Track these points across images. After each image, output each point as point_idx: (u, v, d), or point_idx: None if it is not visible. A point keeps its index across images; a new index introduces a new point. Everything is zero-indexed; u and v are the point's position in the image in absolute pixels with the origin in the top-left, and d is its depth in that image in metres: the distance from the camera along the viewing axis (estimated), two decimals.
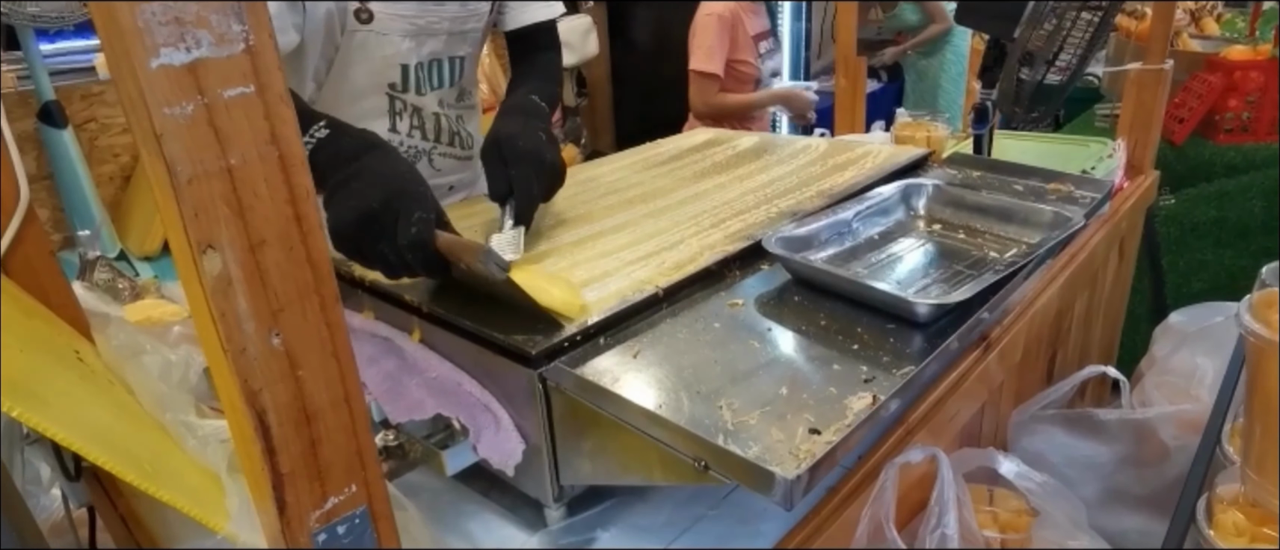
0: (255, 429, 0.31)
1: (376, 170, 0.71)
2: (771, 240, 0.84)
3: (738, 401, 0.63)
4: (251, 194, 0.29)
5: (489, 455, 0.72)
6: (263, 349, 0.30)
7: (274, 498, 0.32)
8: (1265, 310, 0.64)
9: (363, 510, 0.35)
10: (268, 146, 0.29)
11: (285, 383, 0.31)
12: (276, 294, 0.30)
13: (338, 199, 0.70)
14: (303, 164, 0.30)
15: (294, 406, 0.32)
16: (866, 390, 0.65)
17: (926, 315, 0.72)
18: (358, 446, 0.35)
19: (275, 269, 0.30)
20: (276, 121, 0.29)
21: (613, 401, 0.64)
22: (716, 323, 0.77)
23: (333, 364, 0.33)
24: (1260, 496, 0.65)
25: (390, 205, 0.68)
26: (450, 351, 0.79)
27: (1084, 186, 1.14)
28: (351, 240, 0.70)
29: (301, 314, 0.31)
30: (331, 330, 0.32)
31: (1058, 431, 1.20)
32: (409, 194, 0.69)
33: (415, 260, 0.69)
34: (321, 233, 0.31)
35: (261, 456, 0.31)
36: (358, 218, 0.68)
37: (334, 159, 0.73)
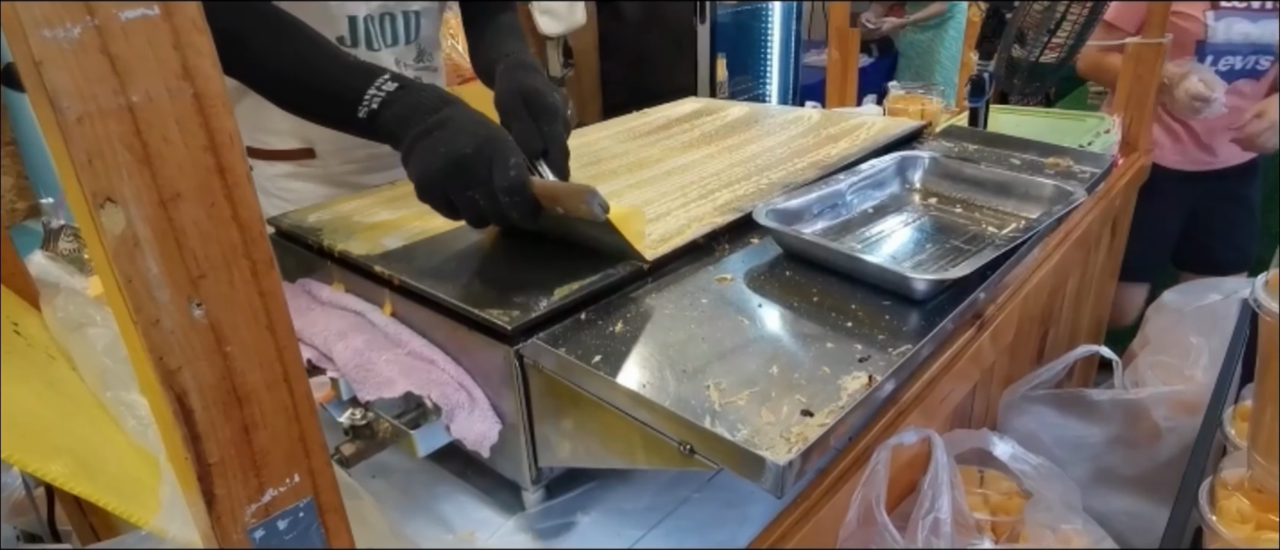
0: (175, 413, 0.27)
1: (462, 120, 0.70)
2: (762, 212, 0.80)
3: (726, 381, 0.60)
4: (160, 138, 0.24)
5: (463, 436, 0.68)
6: (181, 321, 0.26)
7: (200, 490, 0.28)
8: None
9: (308, 502, 0.31)
10: (178, 82, 0.24)
11: (210, 360, 0.27)
12: (196, 258, 0.26)
13: (423, 147, 0.70)
14: (223, 106, 0.26)
15: (222, 387, 0.28)
16: (862, 370, 0.61)
17: (924, 291, 0.69)
18: (300, 432, 0.31)
19: (193, 228, 0.26)
20: (189, 52, 0.24)
21: (593, 380, 0.60)
22: (704, 298, 0.73)
23: (267, 338, 0.28)
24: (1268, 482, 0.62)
25: (483, 151, 0.68)
26: (424, 326, 0.75)
27: (1083, 161, 1.11)
28: (440, 188, 0.70)
29: (228, 281, 0.27)
30: (266, 300, 0.28)
31: (1048, 411, 1.18)
32: (501, 140, 0.69)
33: (512, 204, 0.69)
34: (250, 187, 0.27)
35: (184, 444, 0.27)
36: (449, 164, 0.68)
37: (411, 112, 0.72)
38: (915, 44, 3.50)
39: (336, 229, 0.88)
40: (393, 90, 0.74)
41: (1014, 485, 0.95)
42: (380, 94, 0.74)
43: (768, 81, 3.44)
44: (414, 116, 0.72)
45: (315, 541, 0.32)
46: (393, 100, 0.73)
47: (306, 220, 0.91)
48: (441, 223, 0.88)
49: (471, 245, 0.82)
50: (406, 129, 0.72)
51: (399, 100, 0.73)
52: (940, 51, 3.39)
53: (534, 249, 0.83)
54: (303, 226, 0.89)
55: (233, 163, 0.26)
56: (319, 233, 0.87)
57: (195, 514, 0.30)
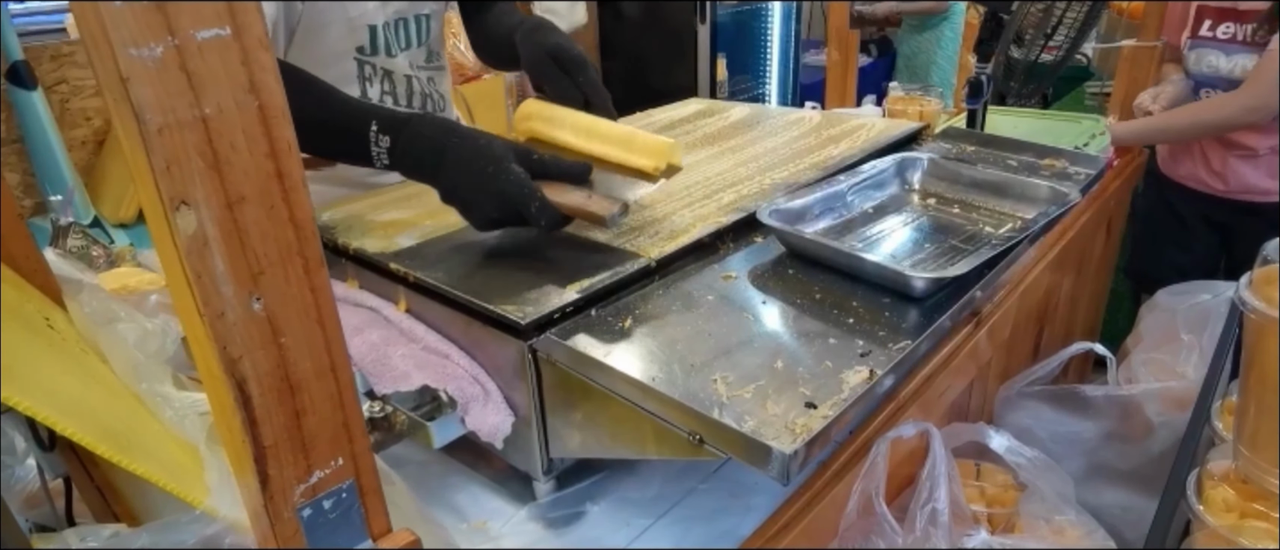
0: (236, 399, 0.29)
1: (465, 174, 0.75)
2: (766, 212, 0.83)
3: (732, 375, 0.62)
4: (228, 147, 0.27)
5: (477, 428, 0.71)
6: (243, 314, 0.28)
7: (256, 471, 0.30)
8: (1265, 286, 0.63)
9: (350, 484, 0.34)
10: (246, 95, 0.26)
11: (267, 350, 0.29)
12: (257, 255, 0.28)
13: (460, 207, 0.78)
14: (284, 115, 0.28)
15: (277, 375, 0.30)
16: (863, 365, 0.64)
17: (923, 289, 0.71)
18: (345, 418, 0.33)
19: (255, 228, 0.28)
20: (255, 68, 0.26)
21: (605, 373, 0.62)
22: (710, 295, 0.76)
23: (317, 331, 0.31)
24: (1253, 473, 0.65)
25: (505, 209, 0.75)
26: (438, 322, 0.77)
27: (1078, 163, 1.13)
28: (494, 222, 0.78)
29: (284, 277, 0.29)
30: (316, 295, 0.30)
31: (1043, 407, 1.21)
32: (509, 193, 0.74)
33: (547, 227, 0.76)
34: (304, 191, 0.29)
35: (242, 428, 0.29)
36: (490, 221, 0.77)
37: (419, 162, 0.78)
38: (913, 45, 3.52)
39: (350, 227, 0.90)
40: (388, 146, 0.78)
41: (1009, 478, 0.98)
42: (379, 147, 0.79)
43: (767, 81, 3.47)
44: (425, 164, 0.77)
45: (356, 520, 0.34)
46: (394, 150, 0.78)
47: (319, 219, 0.93)
48: (454, 221, 0.90)
49: (483, 243, 0.85)
50: (428, 176, 0.78)
51: (401, 152, 0.78)
52: (937, 53, 3.42)
53: (545, 248, 0.85)
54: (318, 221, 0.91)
55: (290, 168, 0.28)
56: (332, 231, 0.89)
57: (247, 494, 0.32)
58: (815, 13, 3.82)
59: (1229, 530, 0.67)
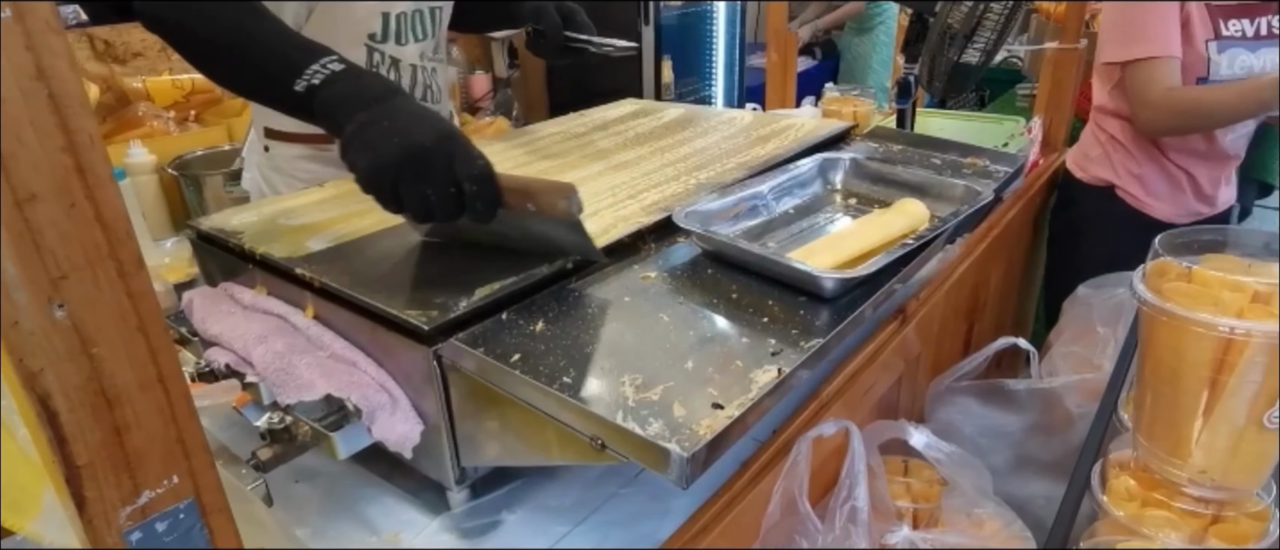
0: (39, 415, 0.27)
1: (414, 110, 0.68)
2: (682, 215, 0.82)
3: (641, 377, 0.61)
4: (14, 140, 0.24)
5: (384, 437, 0.68)
6: (41, 323, 0.26)
7: (71, 493, 0.28)
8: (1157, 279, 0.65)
9: (189, 503, 0.31)
10: (32, 83, 0.24)
11: (75, 362, 0.27)
12: (56, 258, 0.26)
13: (371, 135, 0.66)
14: (82, 106, 0.26)
15: (89, 389, 0.28)
16: (773, 363, 0.63)
17: (833, 289, 0.71)
18: (179, 432, 0.31)
19: (52, 229, 0.26)
20: (43, 53, 0.24)
21: (510, 380, 0.61)
22: (627, 296, 0.74)
23: (139, 339, 0.29)
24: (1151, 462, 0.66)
25: (442, 145, 0.65)
26: (345, 328, 0.74)
27: (999, 161, 1.15)
28: (391, 178, 0.66)
29: (92, 282, 0.27)
30: (135, 300, 0.28)
31: (972, 402, 1.23)
32: (460, 135, 0.67)
33: (477, 194, 0.66)
34: (113, 188, 0.27)
35: (50, 446, 0.27)
36: (404, 155, 0.65)
37: (355, 96, 0.69)
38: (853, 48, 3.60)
39: (260, 232, 0.86)
40: (338, 71, 0.72)
41: (935, 474, 0.99)
42: (324, 71, 0.71)
43: (713, 83, 3.48)
44: (357, 101, 0.69)
45: (198, 542, 0.32)
46: (336, 80, 0.71)
47: (229, 223, 0.89)
48: (368, 224, 0.87)
49: (397, 247, 0.82)
50: (348, 113, 0.68)
51: (342, 81, 0.71)
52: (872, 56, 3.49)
53: (459, 251, 0.83)
54: (225, 230, 0.88)
55: (93, 163, 0.26)
56: (241, 236, 0.86)
57: (70, 517, 0.30)
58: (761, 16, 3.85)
59: (1129, 519, 0.68)
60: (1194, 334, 0.62)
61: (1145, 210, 1.55)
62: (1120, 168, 1.56)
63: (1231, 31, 1.41)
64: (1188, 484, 0.65)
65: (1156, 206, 1.55)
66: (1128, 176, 1.55)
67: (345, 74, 0.72)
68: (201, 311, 0.83)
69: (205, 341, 0.81)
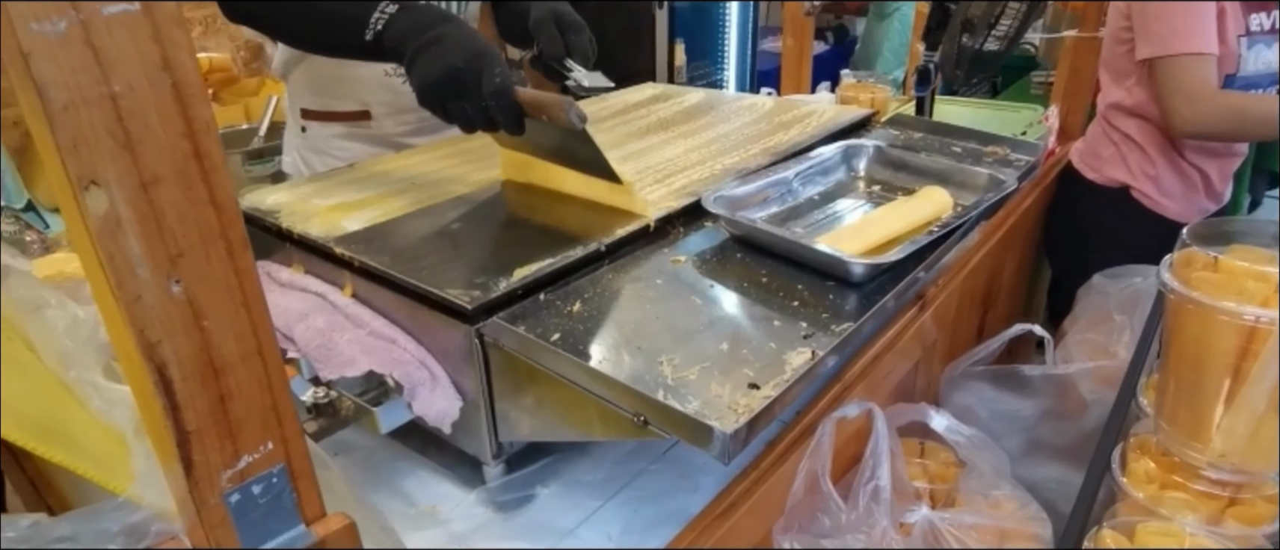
0: (155, 384, 0.28)
1: (456, 35, 0.77)
2: (711, 199, 0.83)
3: (678, 357, 0.63)
4: (141, 126, 0.26)
5: (424, 413, 0.71)
6: (161, 297, 0.28)
7: (179, 457, 0.30)
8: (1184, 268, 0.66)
9: (280, 469, 0.33)
10: (159, 73, 0.26)
11: (189, 334, 0.29)
12: (175, 237, 0.28)
13: (423, 61, 0.77)
14: (201, 95, 0.27)
15: (199, 359, 0.29)
16: (805, 346, 0.65)
17: (862, 274, 0.73)
18: (273, 402, 0.33)
19: (173, 210, 0.27)
20: (168, 45, 0.26)
21: (552, 357, 0.63)
22: (658, 279, 0.76)
23: (243, 314, 0.30)
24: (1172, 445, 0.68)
25: (473, 63, 0.75)
26: (384, 306, 0.76)
27: (1019, 150, 1.16)
28: (437, 96, 0.77)
29: (206, 259, 0.29)
30: (241, 277, 0.30)
31: (986, 387, 1.25)
32: (489, 53, 0.76)
33: (497, 109, 0.76)
34: (225, 173, 0.29)
35: (164, 413, 0.29)
36: (444, 74, 0.76)
37: (411, 30, 0.79)
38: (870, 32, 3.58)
39: (295, 211, 0.88)
40: (394, 12, 0.80)
41: (951, 455, 1.01)
42: (383, 16, 0.80)
43: (725, 67, 3.47)
44: (413, 33, 0.78)
45: (287, 505, 0.34)
46: (395, 20, 0.80)
47: (264, 202, 0.91)
48: (402, 205, 0.89)
49: (430, 228, 0.84)
50: (407, 44, 0.78)
51: (400, 19, 0.80)
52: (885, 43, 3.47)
53: (493, 232, 0.85)
54: (261, 209, 0.89)
55: (209, 148, 0.28)
56: (277, 215, 0.87)
57: (172, 480, 0.32)
58: None
59: (1149, 501, 0.70)
60: (1219, 322, 0.63)
61: (1158, 210, 1.53)
62: (1135, 168, 1.54)
63: (1254, 27, 1.40)
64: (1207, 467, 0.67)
65: (1169, 206, 1.53)
66: (1143, 177, 1.53)
67: (400, 13, 0.81)
68: None
69: None
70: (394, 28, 0.80)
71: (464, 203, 0.91)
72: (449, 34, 0.78)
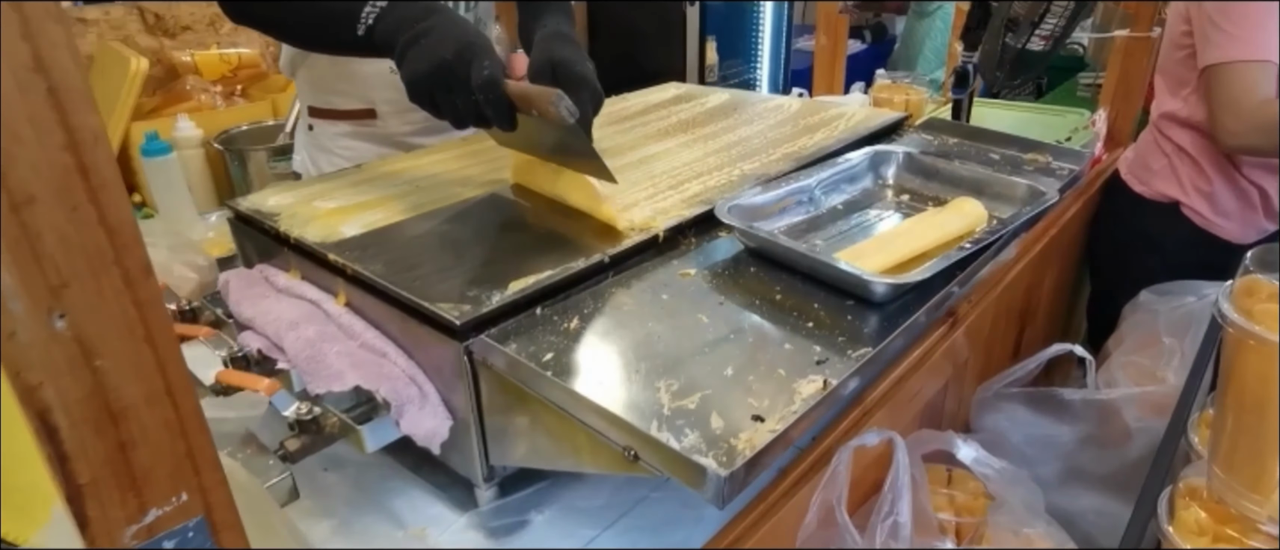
0: (38, 431, 0.25)
1: (445, 27, 0.75)
2: (724, 208, 0.78)
3: (678, 383, 0.58)
4: (10, 138, 0.22)
5: (412, 432, 0.67)
6: (41, 334, 0.24)
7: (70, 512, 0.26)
8: (1245, 298, 0.60)
9: (198, 522, 0.30)
10: (30, 75, 0.22)
11: (77, 375, 0.25)
12: (57, 265, 0.24)
13: (411, 54, 0.75)
14: (84, 100, 0.23)
15: (91, 403, 0.26)
16: (818, 373, 0.60)
17: (884, 294, 0.67)
18: (188, 448, 0.29)
19: (52, 233, 0.24)
20: (42, 43, 0.22)
21: (541, 382, 0.58)
22: (665, 294, 0.72)
23: (145, 351, 0.27)
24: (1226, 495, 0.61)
25: (462, 55, 0.73)
26: (376, 318, 0.73)
27: (1062, 158, 1.09)
28: (426, 91, 0.75)
29: (96, 290, 0.25)
30: (143, 309, 0.26)
31: (1021, 409, 1.17)
32: (478, 45, 0.74)
33: (486, 103, 0.73)
34: (120, 190, 0.25)
35: (50, 463, 0.25)
36: (433, 68, 0.73)
37: (400, 23, 0.77)
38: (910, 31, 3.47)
39: (295, 214, 0.85)
40: (384, 5, 0.79)
41: (981, 486, 0.94)
42: (374, 10, 0.79)
43: (758, 66, 3.40)
44: (403, 26, 0.77)
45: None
46: (384, 14, 0.79)
47: (266, 204, 0.89)
48: (403, 208, 0.86)
49: (430, 234, 0.80)
50: (396, 38, 0.77)
51: (389, 13, 0.79)
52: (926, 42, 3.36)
53: (495, 240, 0.81)
54: (261, 211, 0.87)
55: (98, 162, 0.24)
56: (277, 218, 0.85)
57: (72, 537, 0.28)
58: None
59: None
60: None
61: (1211, 229, 1.43)
62: (1188, 183, 1.43)
63: None
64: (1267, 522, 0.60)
65: (1224, 225, 1.43)
66: (1195, 194, 1.43)
67: (390, 6, 0.79)
68: (237, 293, 0.83)
69: (239, 324, 0.81)
70: (384, 22, 0.79)
71: (468, 207, 0.88)
72: (436, 26, 0.76)
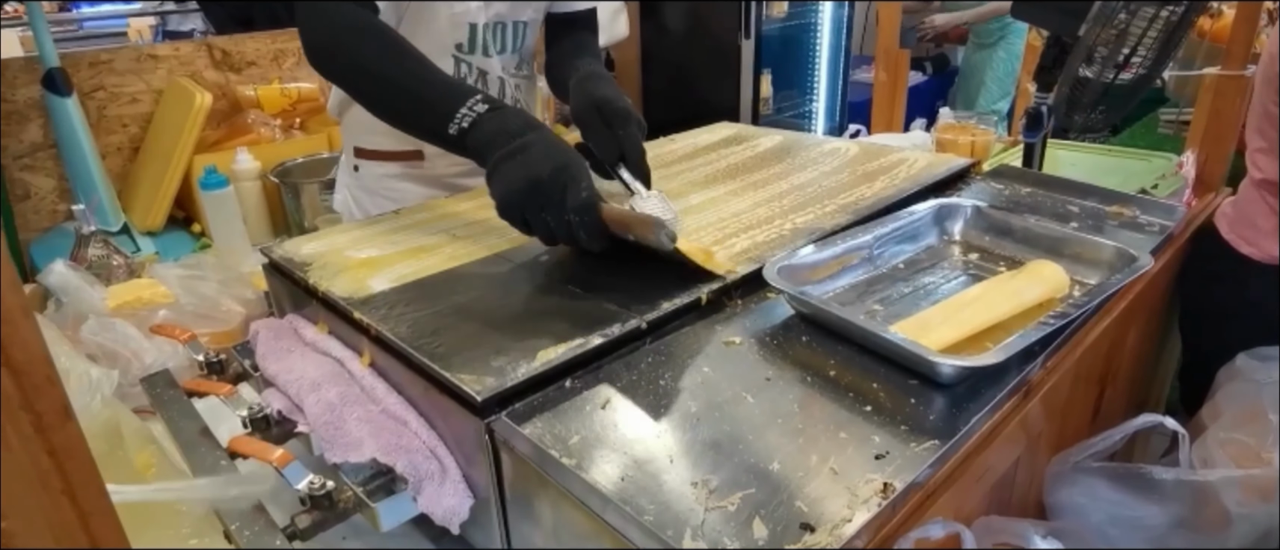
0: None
1: (543, 144, 0.75)
2: (774, 271, 0.72)
3: (717, 477, 0.52)
4: None
5: (430, 510, 0.62)
6: None
7: None
8: None
9: None
10: None
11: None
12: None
13: (506, 169, 0.75)
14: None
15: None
16: (877, 471, 0.53)
17: (952, 377, 0.60)
18: None
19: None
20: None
21: (563, 473, 0.53)
22: (706, 366, 0.66)
23: (63, 505, 0.22)
24: None
25: (558, 176, 0.72)
26: (399, 382, 0.69)
27: (1151, 211, 0.99)
28: (519, 207, 0.74)
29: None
30: (59, 458, 0.22)
31: (1101, 484, 1.06)
32: (576, 165, 0.74)
33: (580, 225, 0.73)
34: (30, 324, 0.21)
35: None
36: (527, 185, 0.73)
37: (497, 133, 0.77)
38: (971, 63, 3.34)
39: (326, 264, 0.83)
40: (483, 112, 0.79)
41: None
42: (471, 114, 0.79)
43: (815, 98, 3.33)
44: (499, 138, 0.76)
45: None
46: (482, 121, 0.78)
47: (299, 252, 0.87)
48: (436, 262, 0.82)
49: (462, 291, 0.76)
50: (492, 150, 0.76)
51: (488, 121, 0.78)
52: (987, 74, 3.21)
53: (533, 298, 0.76)
54: (293, 260, 0.85)
55: None
56: (308, 268, 0.82)
57: None
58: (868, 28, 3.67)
59: None
60: None
61: None
62: None
63: None
64: None
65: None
66: None
67: (489, 115, 0.79)
68: (263, 346, 0.81)
69: (265, 380, 0.78)
70: (481, 129, 0.78)
71: (506, 260, 0.83)
72: (535, 142, 0.75)
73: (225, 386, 0.76)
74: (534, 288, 0.78)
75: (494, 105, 0.79)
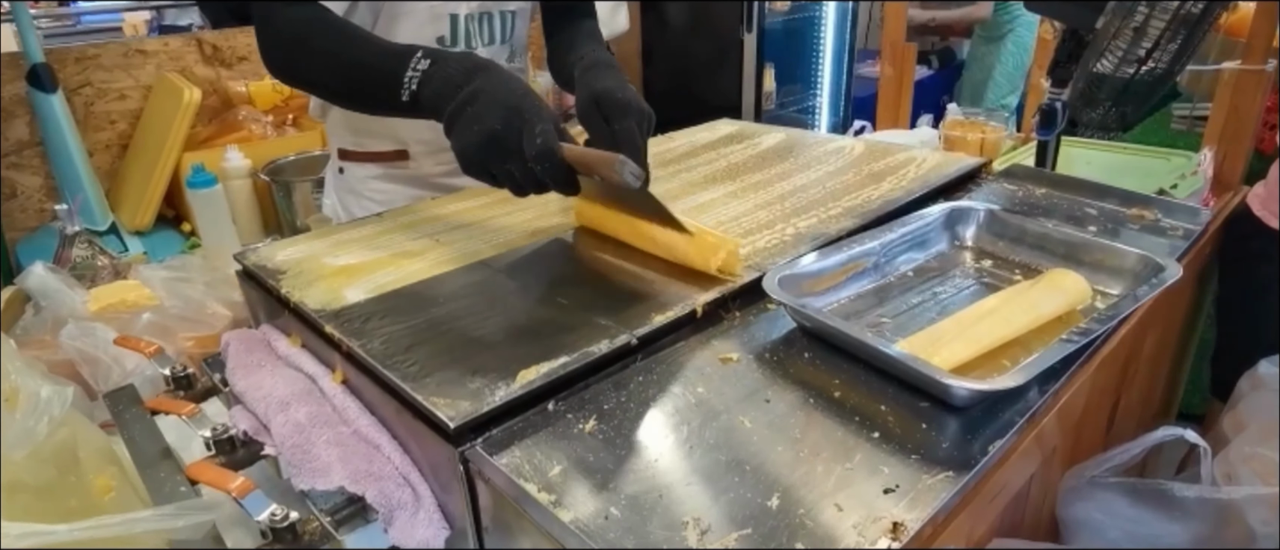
0: None
1: (490, 90, 0.71)
2: (774, 281, 0.67)
3: (710, 517, 0.47)
4: None
5: (401, 542, 0.58)
6: None
7: None
8: None
9: None
10: None
11: None
12: None
13: (459, 124, 0.71)
14: None
15: None
16: (886, 507, 0.48)
17: (966, 400, 0.55)
18: None
19: None
20: None
21: (540, 512, 0.48)
22: (701, 386, 0.61)
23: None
24: None
25: (511, 123, 0.69)
26: (372, 401, 0.64)
27: (1173, 214, 0.94)
28: (480, 163, 0.71)
29: None
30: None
31: (1118, 500, 1.01)
32: (526, 108, 0.70)
33: (544, 172, 0.70)
34: None
35: None
36: (482, 141, 0.70)
37: (444, 88, 0.73)
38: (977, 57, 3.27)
39: (300, 272, 0.78)
40: (426, 68, 0.74)
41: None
42: (417, 74, 0.74)
43: (818, 92, 3.27)
44: (447, 90, 0.72)
45: None
46: (428, 78, 0.74)
47: (273, 259, 0.82)
48: (415, 270, 0.78)
49: (444, 302, 0.72)
50: (443, 105, 0.72)
51: (432, 77, 0.74)
52: (995, 68, 3.14)
53: (517, 310, 0.71)
54: (266, 267, 0.80)
55: None
56: (281, 276, 0.78)
57: None
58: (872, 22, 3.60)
59: None
60: None
61: None
62: None
63: None
64: None
65: None
66: None
67: (432, 69, 0.74)
68: (234, 359, 0.76)
69: (233, 396, 0.73)
70: (429, 87, 0.73)
71: (490, 267, 0.79)
72: (483, 89, 0.70)
73: (187, 406, 0.71)
74: (518, 298, 0.73)
75: (434, 56, 0.74)
